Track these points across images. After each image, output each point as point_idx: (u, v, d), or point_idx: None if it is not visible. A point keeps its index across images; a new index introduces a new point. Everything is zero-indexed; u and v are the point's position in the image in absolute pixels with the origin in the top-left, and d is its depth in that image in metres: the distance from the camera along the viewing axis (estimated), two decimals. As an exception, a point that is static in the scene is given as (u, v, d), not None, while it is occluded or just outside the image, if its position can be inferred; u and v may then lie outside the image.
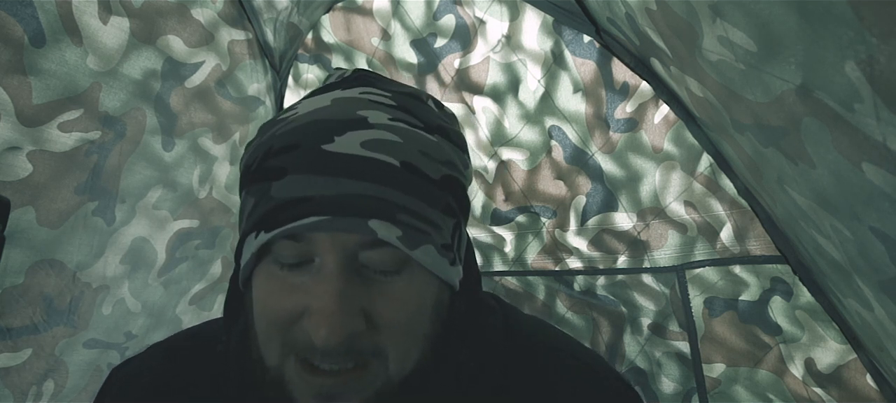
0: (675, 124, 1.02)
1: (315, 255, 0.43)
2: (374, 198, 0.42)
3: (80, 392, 1.09)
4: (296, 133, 0.45)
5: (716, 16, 0.54)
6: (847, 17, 0.37)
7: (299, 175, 0.43)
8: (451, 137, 0.50)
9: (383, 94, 0.49)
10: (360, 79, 0.53)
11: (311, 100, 0.49)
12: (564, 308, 1.29)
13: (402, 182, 0.43)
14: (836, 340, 0.96)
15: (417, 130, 0.46)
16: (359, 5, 1.24)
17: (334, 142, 0.43)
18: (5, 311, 0.93)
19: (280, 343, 0.44)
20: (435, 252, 0.44)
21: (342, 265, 0.42)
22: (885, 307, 0.63)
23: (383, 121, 0.45)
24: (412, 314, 0.45)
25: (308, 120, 0.45)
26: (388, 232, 0.41)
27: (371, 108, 0.46)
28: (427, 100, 0.53)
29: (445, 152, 0.47)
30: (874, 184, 0.46)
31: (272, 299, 0.44)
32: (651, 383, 1.21)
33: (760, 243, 1.00)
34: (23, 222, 0.92)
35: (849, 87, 0.41)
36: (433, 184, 0.45)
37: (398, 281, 0.44)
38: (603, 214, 1.15)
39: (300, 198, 0.42)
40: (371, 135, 0.44)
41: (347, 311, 0.41)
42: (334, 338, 0.40)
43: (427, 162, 0.45)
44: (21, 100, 0.87)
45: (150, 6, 1.03)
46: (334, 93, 0.49)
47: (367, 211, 0.41)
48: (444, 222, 0.46)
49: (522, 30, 1.10)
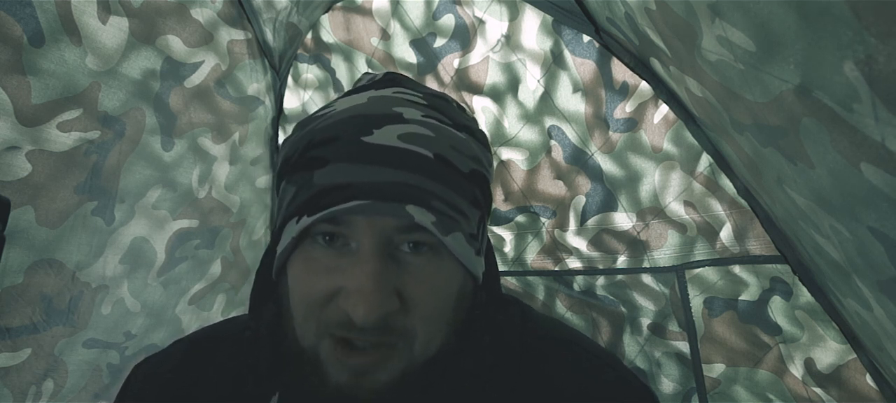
0: (674, 124, 1.02)
1: (352, 239, 0.46)
2: (411, 185, 0.45)
3: (80, 391, 1.09)
4: (336, 127, 0.48)
5: (715, 16, 0.54)
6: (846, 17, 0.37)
7: (340, 164, 0.46)
8: (476, 135, 0.53)
9: (415, 94, 0.53)
10: (392, 81, 0.56)
11: (347, 99, 0.52)
12: (564, 308, 1.28)
13: (436, 172, 0.46)
14: (836, 340, 0.96)
15: (447, 127, 0.50)
16: (358, 5, 1.24)
17: (373, 134, 0.46)
18: (5, 311, 0.93)
19: (316, 323, 0.46)
20: (464, 240, 0.47)
21: (379, 247, 0.45)
22: (884, 307, 0.63)
23: (417, 117, 0.49)
24: (441, 297, 0.48)
25: (347, 115, 0.49)
26: (423, 217, 0.44)
27: (405, 106, 0.50)
28: (452, 101, 0.56)
29: (473, 148, 0.51)
30: (873, 184, 0.46)
31: (310, 280, 0.47)
32: (651, 383, 1.21)
33: (760, 243, 1.00)
34: (22, 222, 0.92)
35: (847, 87, 0.41)
36: (463, 176, 0.48)
37: (429, 266, 0.47)
38: (602, 214, 1.15)
39: (342, 185, 0.45)
40: (407, 128, 0.47)
41: (383, 290, 0.44)
42: (373, 315, 0.43)
43: (457, 155, 0.48)
44: (20, 99, 0.87)
45: (150, 6, 1.03)
46: (369, 93, 0.53)
47: (405, 197, 0.44)
48: (471, 213, 0.49)
49: (522, 29, 1.10)
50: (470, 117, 0.56)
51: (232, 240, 1.34)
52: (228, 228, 1.32)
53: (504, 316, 0.55)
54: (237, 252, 1.37)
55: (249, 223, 1.38)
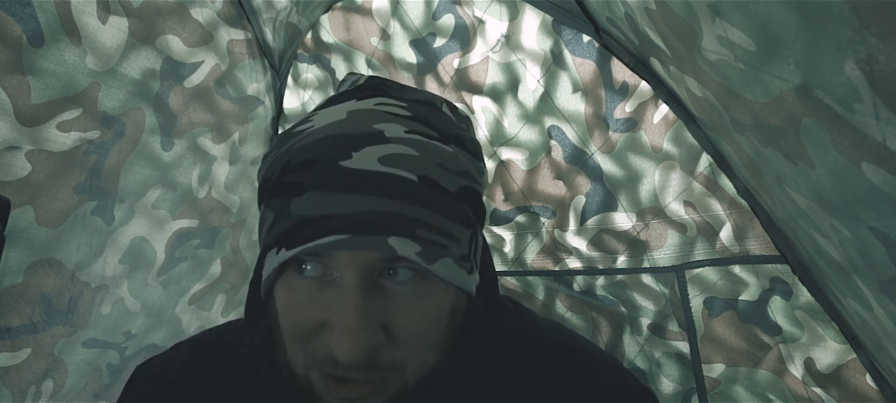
0: (674, 124, 1.02)
1: (335, 270, 0.44)
2: (393, 214, 0.42)
3: (80, 391, 1.09)
4: (313, 148, 0.45)
5: (715, 15, 0.54)
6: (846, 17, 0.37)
7: (318, 192, 0.43)
8: (466, 146, 0.50)
9: (398, 105, 0.49)
10: (374, 89, 0.53)
11: (327, 112, 0.49)
12: (564, 308, 1.28)
13: (420, 196, 0.43)
14: (836, 340, 0.96)
15: (433, 142, 0.47)
16: (358, 5, 1.24)
17: (351, 157, 0.43)
18: (5, 311, 0.93)
19: (304, 355, 0.45)
20: (453, 264, 0.45)
21: (362, 280, 0.43)
22: (884, 307, 0.63)
23: (399, 134, 0.45)
24: (430, 324, 0.46)
25: (325, 134, 0.46)
26: (407, 248, 0.42)
27: (387, 121, 0.46)
28: (441, 105, 0.53)
29: (462, 162, 0.48)
30: (874, 183, 0.46)
31: (295, 311, 0.45)
32: (650, 383, 1.21)
33: (760, 243, 1.00)
34: (22, 222, 0.92)
35: (848, 87, 0.41)
36: (450, 196, 0.45)
37: (417, 294, 0.45)
38: (602, 214, 1.15)
39: (320, 217, 0.42)
40: (388, 149, 0.44)
41: (368, 327, 0.42)
42: (357, 353, 0.41)
43: (444, 174, 0.45)
44: (20, 99, 0.87)
45: (150, 6, 1.03)
46: (349, 105, 0.49)
47: (386, 228, 0.42)
48: (461, 233, 0.46)
49: (522, 29, 1.10)
50: (462, 121, 0.54)
51: (232, 240, 1.34)
52: (228, 228, 1.32)
53: (502, 322, 0.54)
54: (237, 252, 1.37)
55: (249, 223, 1.38)
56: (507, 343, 0.53)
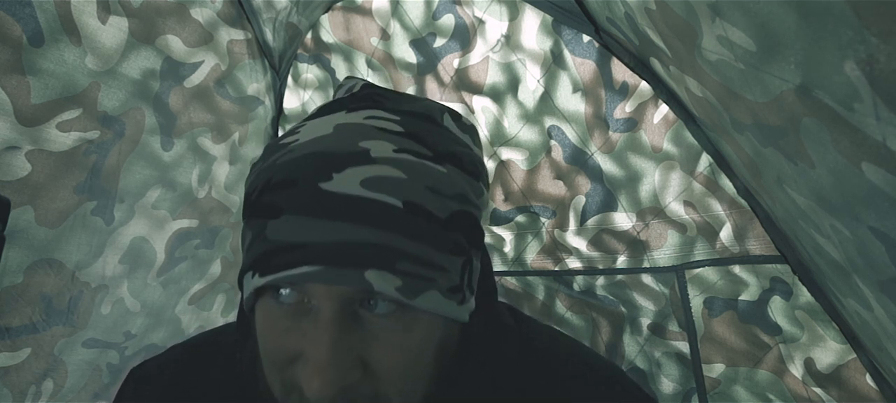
0: (674, 124, 1.02)
1: (312, 298, 0.42)
2: (372, 244, 0.39)
3: (80, 391, 1.09)
4: (294, 166, 0.42)
5: (715, 15, 0.54)
6: (846, 17, 0.37)
7: (295, 216, 0.40)
8: (464, 165, 0.46)
9: (390, 119, 0.46)
10: (367, 99, 0.49)
11: (314, 125, 0.46)
12: (564, 308, 1.28)
13: (405, 225, 0.40)
14: (836, 340, 0.96)
15: (425, 162, 0.43)
16: (358, 5, 1.24)
17: (332, 179, 0.40)
18: (4, 311, 0.93)
19: (281, 383, 0.44)
20: (439, 297, 0.42)
21: (338, 313, 0.41)
22: (884, 307, 0.63)
23: (387, 153, 0.42)
24: (413, 358, 0.43)
25: (308, 151, 0.43)
26: (385, 283, 0.39)
27: (375, 138, 0.43)
28: (443, 116, 0.49)
29: (456, 184, 0.44)
30: (874, 183, 0.46)
31: (271, 337, 0.43)
32: (650, 383, 1.21)
33: (760, 243, 1.00)
34: (22, 222, 0.92)
35: (848, 87, 0.41)
36: (440, 224, 0.42)
37: (399, 327, 0.42)
38: (602, 214, 1.15)
39: (295, 244, 0.40)
40: (373, 171, 0.41)
41: (341, 364, 0.40)
42: (326, 391, 0.39)
43: (434, 199, 0.42)
44: (20, 99, 0.87)
45: (149, 6, 1.03)
46: (338, 117, 0.46)
47: (364, 261, 0.39)
48: (451, 263, 0.43)
49: (522, 29, 1.10)
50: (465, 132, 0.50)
51: (232, 240, 1.34)
52: (228, 228, 1.32)
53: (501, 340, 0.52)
54: (237, 252, 1.37)
55: (249, 223, 1.38)
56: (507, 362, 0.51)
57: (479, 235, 0.47)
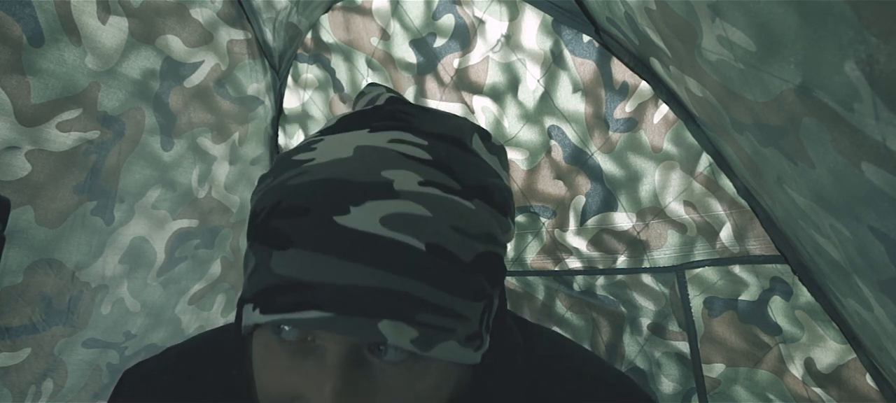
0: (674, 124, 1.02)
1: (317, 338, 0.39)
2: (389, 292, 0.36)
3: (80, 391, 1.09)
4: (308, 192, 0.38)
5: (715, 15, 0.54)
6: (846, 17, 0.37)
7: (304, 251, 0.37)
8: (493, 198, 0.42)
9: (417, 143, 0.41)
10: (393, 116, 0.44)
11: (332, 143, 0.42)
12: (564, 308, 1.28)
13: (426, 270, 0.37)
14: (836, 340, 0.96)
15: (452, 197, 0.39)
16: (358, 5, 1.24)
17: (349, 213, 0.36)
18: (4, 311, 0.93)
19: None
20: (457, 346, 0.39)
21: (344, 359, 0.37)
22: (884, 307, 0.63)
23: (412, 186, 0.38)
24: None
25: (323, 176, 0.39)
26: (400, 336, 0.36)
27: (399, 167, 0.39)
28: (472, 137, 0.45)
29: (484, 223, 0.40)
30: (873, 183, 0.46)
31: (269, 374, 0.40)
32: (650, 383, 1.21)
33: (760, 243, 1.00)
34: (21, 222, 0.92)
35: (848, 87, 0.41)
36: (464, 268, 0.38)
37: (410, 375, 0.39)
38: (602, 214, 1.15)
39: (302, 283, 0.36)
40: (395, 207, 0.37)
41: None
42: None
43: (459, 241, 0.38)
44: (20, 99, 0.87)
45: (149, 6, 1.03)
46: (359, 137, 0.42)
47: (379, 310, 0.36)
48: (472, 310, 0.39)
49: (522, 29, 1.10)
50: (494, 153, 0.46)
51: (232, 240, 1.34)
52: (228, 228, 1.32)
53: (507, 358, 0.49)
54: (237, 252, 1.37)
55: (249, 223, 1.38)
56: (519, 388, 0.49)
57: (502, 275, 0.44)
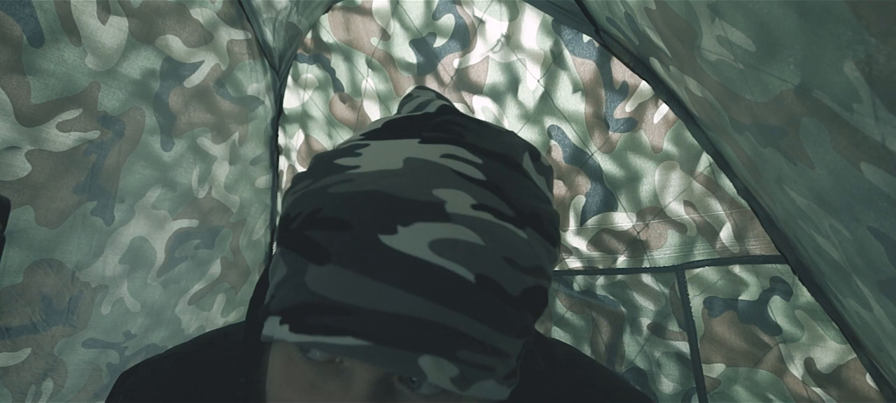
0: (674, 124, 1.02)
1: (346, 360, 0.36)
2: (434, 325, 0.33)
3: (79, 391, 1.09)
4: (352, 204, 0.35)
5: (715, 15, 0.54)
6: (846, 17, 0.37)
7: (344, 269, 0.34)
8: (544, 227, 0.39)
9: (472, 162, 0.38)
10: (445, 127, 0.41)
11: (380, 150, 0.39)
12: (564, 308, 1.28)
13: (474, 304, 0.34)
14: (836, 340, 0.96)
15: (506, 224, 0.36)
16: (358, 5, 1.24)
17: (397, 233, 0.33)
18: (4, 311, 0.93)
19: None
20: (495, 385, 0.36)
21: (374, 387, 0.35)
22: (884, 307, 0.63)
23: (465, 209, 0.35)
24: None
25: (370, 188, 0.35)
26: (440, 373, 0.33)
27: (452, 186, 0.36)
28: (523, 156, 0.41)
29: (535, 255, 0.37)
30: (873, 183, 0.46)
31: (287, 391, 0.38)
32: (650, 383, 1.21)
33: (760, 243, 1.00)
34: (21, 222, 0.92)
35: (847, 87, 0.41)
36: (511, 303, 0.35)
37: None
38: (602, 214, 1.15)
39: (339, 306, 0.33)
40: (445, 231, 0.34)
41: None
42: None
43: (509, 274, 0.35)
44: (20, 99, 0.87)
45: (149, 6, 1.03)
46: (409, 148, 0.39)
47: (421, 344, 0.33)
48: (513, 348, 0.37)
49: (522, 29, 1.10)
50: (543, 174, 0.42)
51: (232, 240, 1.34)
52: (228, 228, 1.32)
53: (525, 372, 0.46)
54: (237, 252, 1.37)
55: (249, 223, 1.38)
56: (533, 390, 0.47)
57: (544, 308, 0.40)
